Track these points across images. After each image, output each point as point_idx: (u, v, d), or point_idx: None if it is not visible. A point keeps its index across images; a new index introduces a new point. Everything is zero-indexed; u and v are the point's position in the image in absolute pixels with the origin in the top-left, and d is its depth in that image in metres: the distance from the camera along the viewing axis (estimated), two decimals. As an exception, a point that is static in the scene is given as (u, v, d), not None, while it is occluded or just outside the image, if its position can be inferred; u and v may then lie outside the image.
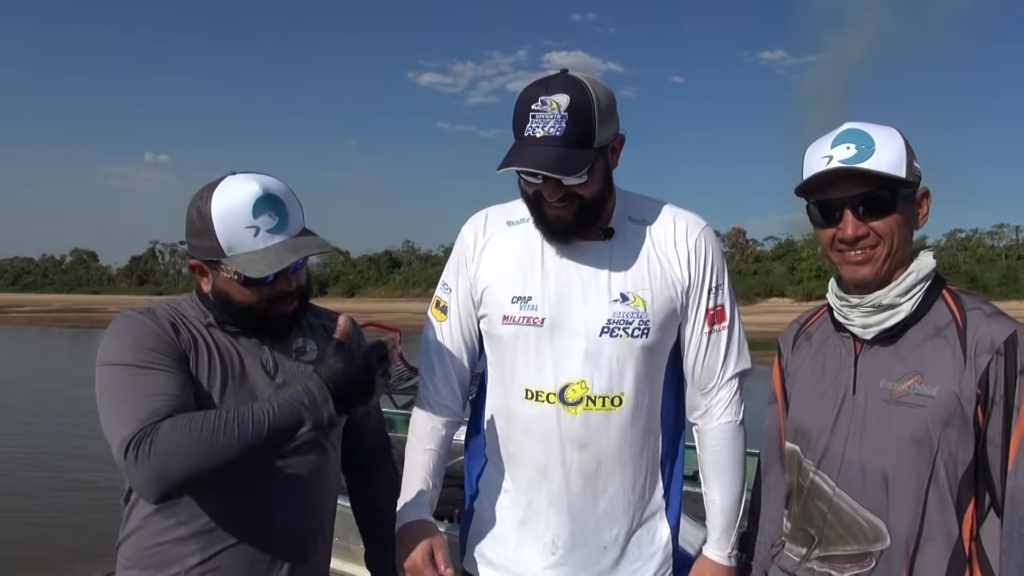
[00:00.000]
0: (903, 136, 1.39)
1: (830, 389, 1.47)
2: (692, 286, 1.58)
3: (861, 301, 1.41)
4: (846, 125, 1.41)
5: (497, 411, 1.65)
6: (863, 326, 1.42)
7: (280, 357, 1.51)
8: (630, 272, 1.55)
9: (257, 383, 1.46)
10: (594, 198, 1.51)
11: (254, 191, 1.38)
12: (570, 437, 1.53)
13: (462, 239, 1.69)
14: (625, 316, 1.53)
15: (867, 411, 1.40)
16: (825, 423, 1.45)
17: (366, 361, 1.35)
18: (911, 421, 1.34)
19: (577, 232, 1.54)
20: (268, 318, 1.46)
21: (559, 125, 1.42)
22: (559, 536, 1.57)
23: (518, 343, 1.56)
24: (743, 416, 1.63)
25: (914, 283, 1.39)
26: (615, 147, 1.54)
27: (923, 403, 1.33)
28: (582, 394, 1.53)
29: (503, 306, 1.58)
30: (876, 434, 1.38)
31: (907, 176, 1.35)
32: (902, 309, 1.38)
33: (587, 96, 1.43)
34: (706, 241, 1.60)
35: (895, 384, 1.37)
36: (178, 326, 1.42)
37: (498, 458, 1.65)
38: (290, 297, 1.45)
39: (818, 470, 1.46)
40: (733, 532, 1.61)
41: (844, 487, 1.41)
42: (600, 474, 1.55)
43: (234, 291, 1.43)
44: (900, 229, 1.38)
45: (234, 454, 1.25)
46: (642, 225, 1.60)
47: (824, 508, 1.44)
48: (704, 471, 1.64)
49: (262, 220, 1.38)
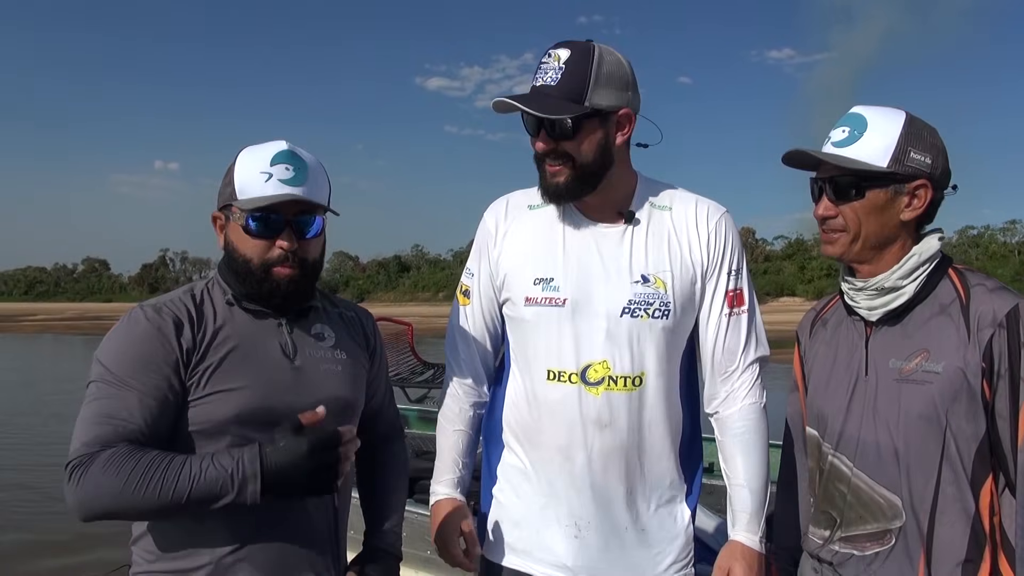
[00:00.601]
0: (909, 126, 1.39)
1: (844, 372, 1.49)
2: (711, 268, 1.59)
3: (865, 284, 1.44)
4: (854, 108, 1.44)
5: (518, 395, 1.65)
6: (868, 308, 1.45)
7: (300, 340, 1.48)
8: (651, 254, 1.57)
9: (275, 364, 1.44)
10: (587, 163, 1.53)
11: (280, 146, 1.42)
12: (592, 417, 1.54)
13: (484, 225, 1.72)
14: (646, 297, 1.54)
15: (878, 391, 1.42)
16: (840, 405, 1.47)
17: (314, 458, 1.26)
18: (919, 398, 1.36)
19: (570, 197, 1.57)
20: (266, 282, 1.41)
21: (555, 76, 1.49)
22: (581, 518, 1.57)
23: (540, 324, 1.58)
24: (765, 402, 1.62)
25: (916, 265, 1.41)
26: (621, 121, 1.55)
27: (930, 379, 1.35)
28: (604, 374, 1.53)
29: (526, 288, 1.60)
30: (887, 412, 1.40)
31: (890, 166, 1.37)
32: (905, 291, 1.41)
33: (588, 55, 1.49)
34: (726, 225, 1.62)
35: (903, 363, 1.40)
36: (186, 320, 1.39)
37: (518, 443, 1.65)
38: (290, 260, 1.41)
39: (836, 452, 1.48)
40: (763, 516, 1.58)
41: (861, 467, 1.43)
42: (622, 455, 1.55)
43: (239, 241, 1.42)
44: (869, 216, 1.40)
45: (151, 508, 1.24)
46: (663, 210, 1.61)
47: (844, 489, 1.46)
48: (728, 455, 1.61)
49: (277, 169, 1.39)
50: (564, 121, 1.49)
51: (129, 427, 1.29)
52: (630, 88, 1.55)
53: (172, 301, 1.43)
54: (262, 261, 1.41)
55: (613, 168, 1.57)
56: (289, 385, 1.43)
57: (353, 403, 1.54)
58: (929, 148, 1.39)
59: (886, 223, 1.41)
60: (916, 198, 1.40)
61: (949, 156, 1.43)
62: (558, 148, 1.52)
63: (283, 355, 1.45)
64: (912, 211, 1.41)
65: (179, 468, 1.24)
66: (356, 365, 1.56)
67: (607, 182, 1.57)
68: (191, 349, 1.37)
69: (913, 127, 1.39)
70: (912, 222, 1.42)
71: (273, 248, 1.40)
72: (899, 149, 1.37)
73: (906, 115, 1.40)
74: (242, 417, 1.36)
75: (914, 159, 1.38)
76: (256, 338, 1.44)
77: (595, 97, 1.49)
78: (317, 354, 1.49)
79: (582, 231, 1.60)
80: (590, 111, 1.49)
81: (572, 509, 1.58)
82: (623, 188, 1.61)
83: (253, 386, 1.38)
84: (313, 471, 1.26)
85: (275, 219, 1.39)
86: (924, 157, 1.38)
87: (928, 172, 1.39)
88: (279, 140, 1.44)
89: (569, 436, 1.55)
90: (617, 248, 1.58)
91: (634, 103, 1.56)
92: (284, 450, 1.26)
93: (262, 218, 1.39)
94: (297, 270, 1.42)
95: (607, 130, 1.53)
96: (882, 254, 1.43)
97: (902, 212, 1.41)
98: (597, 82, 1.48)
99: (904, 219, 1.41)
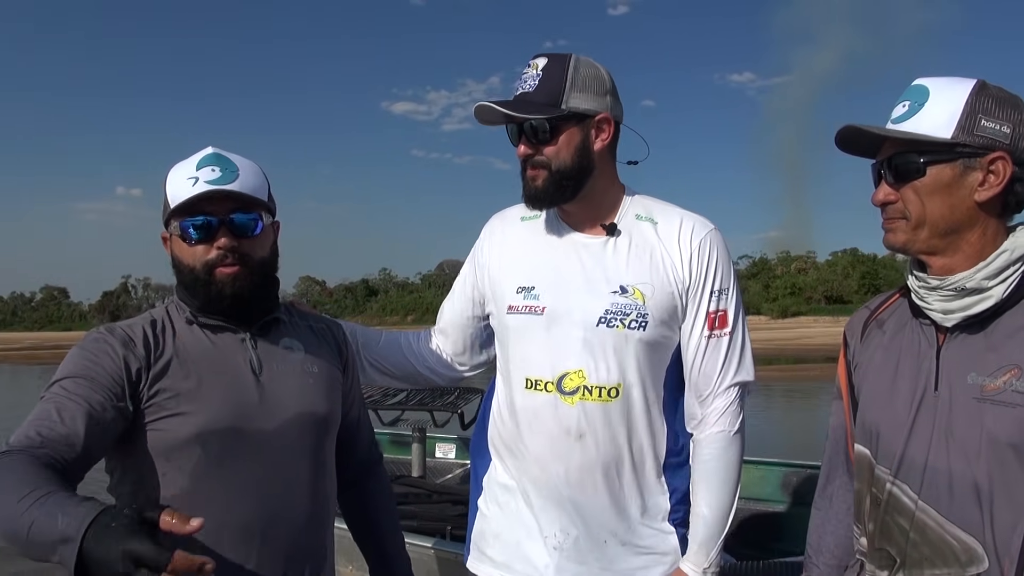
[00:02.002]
0: (980, 91, 1.19)
1: (907, 384, 1.27)
2: (693, 286, 1.58)
3: (941, 283, 1.22)
4: (917, 80, 1.25)
5: (501, 405, 1.67)
6: (944, 311, 1.23)
7: (266, 355, 1.46)
8: (632, 266, 1.58)
9: (240, 382, 1.41)
10: (564, 166, 1.55)
11: (206, 151, 1.42)
12: (567, 427, 1.54)
13: (480, 236, 1.78)
14: (623, 307, 1.54)
15: (952, 410, 1.20)
16: (901, 423, 1.26)
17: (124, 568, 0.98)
18: (1008, 423, 1.14)
19: (550, 201, 1.59)
20: (211, 285, 1.39)
21: (533, 83, 1.54)
22: (561, 530, 1.57)
23: (521, 333, 1.60)
24: (739, 428, 1.59)
25: (1006, 263, 1.19)
26: (600, 126, 1.57)
27: (1021, 402, 1.14)
28: (579, 383, 1.54)
29: (509, 297, 1.63)
30: (965, 437, 1.18)
31: (955, 136, 1.18)
32: (992, 294, 1.19)
33: (564, 61, 1.54)
34: (711, 243, 1.60)
35: (987, 379, 1.18)
36: (140, 340, 1.37)
37: (501, 454, 1.67)
38: (231, 259, 1.38)
39: (896, 479, 1.26)
40: (714, 547, 1.57)
41: (928, 500, 1.22)
42: (599, 466, 1.55)
43: (180, 252, 1.41)
44: (934, 197, 1.20)
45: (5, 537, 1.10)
46: (649, 223, 1.62)
47: (905, 524, 1.25)
48: (693, 480, 1.61)
49: (203, 172, 1.38)
50: (542, 124, 1.52)
51: (55, 432, 1.23)
52: (609, 94, 1.57)
53: (127, 323, 1.43)
54: (203, 264, 1.38)
55: (595, 175, 1.58)
56: (255, 402, 1.40)
57: (328, 417, 1.51)
58: (1007, 116, 1.18)
59: (956, 205, 1.20)
60: (992, 174, 1.18)
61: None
62: (538, 153, 1.55)
63: (249, 371, 1.42)
64: (988, 190, 1.19)
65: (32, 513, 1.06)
66: (330, 377, 1.54)
67: (590, 190, 1.58)
68: (141, 368, 1.34)
69: (986, 92, 1.19)
70: (992, 204, 1.20)
71: (211, 250, 1.38)
72: (966, 116, 1.17)
73: (977, 81, 1.21)
74: (204, 438, 1.34)
75: (986, 127, 1.17)
76: (219, 356, 1.42)
77: (572, 100, 1.53)
78: (286, 368, 1.47)
79: (565, 241, 1.63)
80: (567, 113, 1.52)
81: (552, 520, 1.57)
82: (608, 199, 1.63)
83: (215, 405, 1.36)
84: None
85: (208, 221, 1.37)
86: (1000, 125, 1.17)
87: (1007, 143, 1.17)
88: (207, 147, 1.43)
89: (547, 446, 1.56)
90: (598, 258, 1.59)
91: (615, 110, 1.59)
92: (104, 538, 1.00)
93: (195, 223, 1.37)
94: (241, 268, 1.40)
95: (585, 134, 1.56)
96: (957, 243, 1.22)
97: (976, 191, 1.19)
98: (574, 86, 1.53)
99: (979, 200, 1.19)
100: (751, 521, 3.40)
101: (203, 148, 1.43)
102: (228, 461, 1.36)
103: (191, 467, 1.33)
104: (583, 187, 1.58)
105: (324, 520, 1.50)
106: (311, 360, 1.52)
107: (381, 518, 1.69)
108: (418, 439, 4.08)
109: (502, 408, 1.66)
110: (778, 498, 3.46)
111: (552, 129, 1.53)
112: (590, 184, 1.58)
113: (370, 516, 1.69)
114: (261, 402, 1.41)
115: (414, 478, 3.99)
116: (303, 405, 1.45)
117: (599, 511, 1.56)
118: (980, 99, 1.18)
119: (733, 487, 1.60)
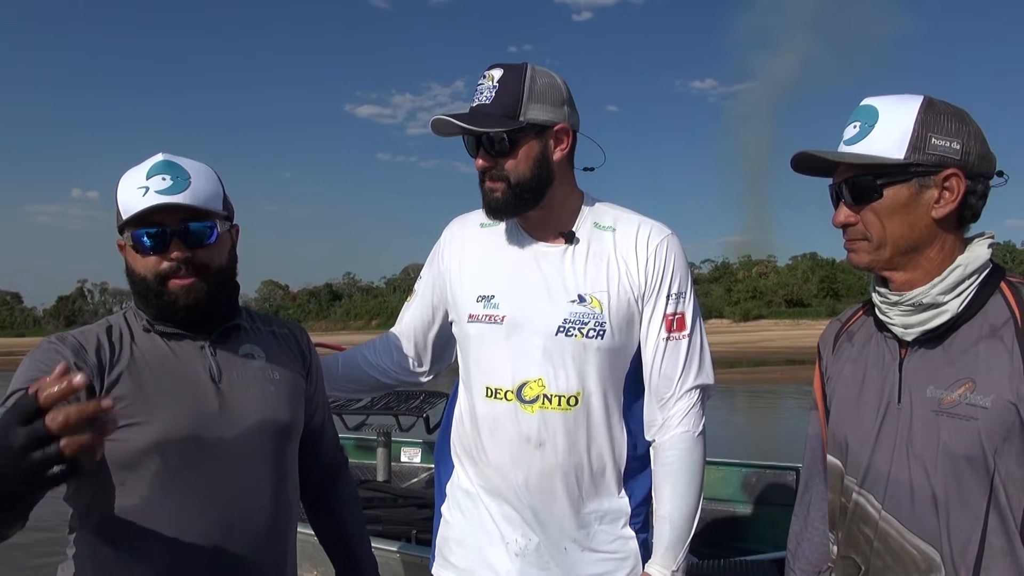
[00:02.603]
0: (928, 108, 1.21)
1: (872, 397, 1.30)
2: (649, 290, 1.59)
3: (900, 298, 1.25)
4: (865, 100, 1.27)
5: (462, 412, 1.67)
6: (904, 326, 1.26)
7: (226, 362, 1.44)
8: (589, 274, 1.58)
9: (199, 390, 1.39)
10: (524, 178, 1.55)
11: (156, 159, 1.39)
12: (527, 435, 1.55)
13: (440, 240, 1.78)
14: (581, 316, 1.55)
15: (913, 423, 1.23)
16: (867, 435, 1.28)
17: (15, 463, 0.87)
18: (963, 435, 1.16)
19: (511, 212, 1.59)
20: (164, 296, 1.37)
21: (490, 95, 1.54)
22: (523, 536, 1.58)
23: (481, 341, 1.60)
24: (702, 430, 1.60)
25: (961, 278, 1.21)
26: (558, 136, 1.58)
27: (975, 415, 1.15)
28: (539, 392, 1.55)
29: (469, 305, 1.63)
30: (924, 449, 1.20)
31: (908, 156, 1.19)
32: (948, 308, 1.21)
33: (521, 72, 1.54)
34: (668, 248, 1.61)
35: (944, 392, 1.20)
36: (92, 348, 1.35)
37: (464, 461, 1.67)
38: (183, 271, 1.36)
39: (862, 489, 1.29)
40: (681, 549, 1.57)
41: (890, 509, 1.24)
42: (560, 474, 1.55)
43: (134, 262, 1.39)
44: (893, 218, 1.22)
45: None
46: (607, 231, 1.63)
47: (870, 533, 1.27)
48: (656, 484, 1.61)
49: (153, 181, 1.35)
50: (501, 136, 1.52)
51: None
52: (566, 104, 1.58)
53: (80, 331, 1.40)
54: (155, 275, 1.37)
55: (555, 184, 1.59)
56: (215, 410, 1.38)
57: (291, 424, 1.49)
58: (955, 132, 1.20)
59: (915, 223, 1.22)
60: (947, 191, 1.20)
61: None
62: (496, 166, 1.55)
63: (208, 379, 1.40)
64: (945, 206, 1.20)
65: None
66: (293, 383, 1.53)
67: (550, 199, 1.59)
68: (93, 377, 1.32)
69: (933, 109, 1.20)
70: (949, 219, 1.22)
71: (164, 261, 1.36)
72: (917, 136, 1.19)
73: (924, 98, 1.22)
74: (163, 446, 1.32)
75: (937, 145, 1.19)
76: (177, 364, 1.40)
77: (530, 112, 1.52)
78: (246, 375, 1.45)
79: (524, 250, 1.63)
80: (525, 125, 1.53)
81: (513, 527, 1.58)
82: (567, 207, 1.64)
83: (174, 414, 1.34)
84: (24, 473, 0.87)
85: (159, 231, 1.35)
86: (950, 142, 1.19)
87: (958, 159, 1.19)
88: (157, 154, 1.41)
89: (507, 454, 1.56)
90: (557, 267, 1.60)
91: (572, 119, 1.59)
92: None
93: (148, 233, 1.35)
94: (196, 279, 1.38)
95: (544, 145, 1.56)
96: (917, 259, 1.24)
97: (933, 209, 1.21)
98: (531, 97, 1.53)
99: (937, 216, 1.21)
100: (713, 521, 3.44)
101: (154, 154, 1.40)
102: (187, 470, 1.34)
103: (150, 476, 1.31)
104: (543, 197, 1.58)
105: (286, 527, 1.49)
106: (272, 367, 1.50)
107: (348, 522, 1.68)
108: (383, 443, 4.06)
109: (464, 415, 1.67)
110: (739, 498, 3.51)
111: (511, 142, 1.53)
112: (550, 194, 1.59)
113: (336, 521, 1.69)
114: (221, 410, 1.39)
115: (379, 482, 3.97)
116: (264, 412, 1.44)
117: (560, 518, 1.57)
118: (928, 117, 1.20)
119: (698, 489, 1.59)
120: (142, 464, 1.31)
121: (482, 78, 1.57)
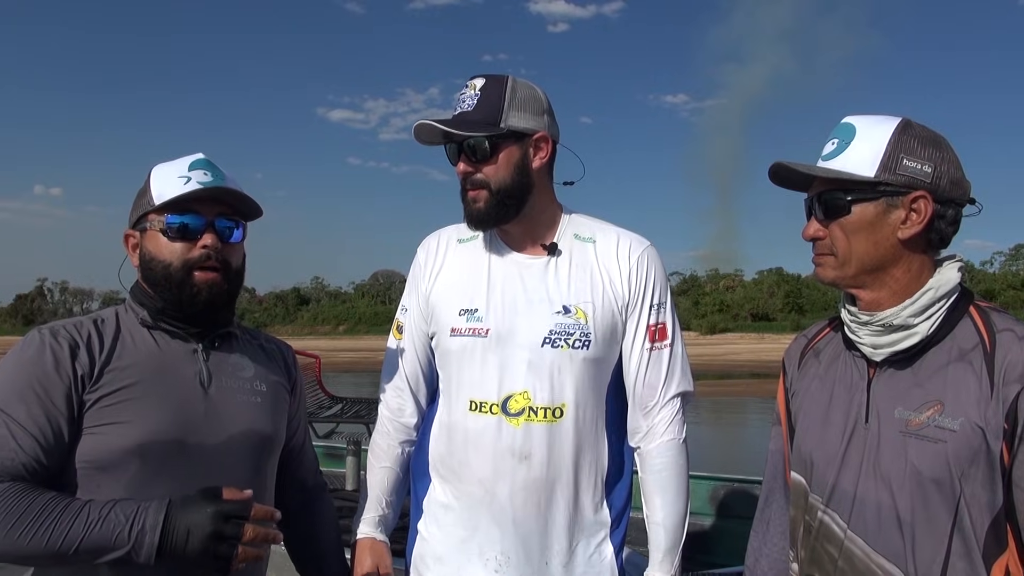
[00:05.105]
0: (903, 130, 1.23)
1: (839, 416, 1.31)
2: (632, 301, 1.63)
3: (871, 319, 1.26)
4: (845, 118, 1.30)
5: (442, 427, 1.67)
6: (873, 346, 1.27)
7: (217, 369, 1.43)
8: (573, 286, 1.61)
9: (187, 393, 1.38)
10: (505, 185, 1.58)
11: (197, 155, 1.45)
12: (512, 449, 1.56)
13: (416, 260, 1.76)
14: (567, 327, 1.57)
15: (880, 443, 1.24)
16: (833, 454, 1.29)
17: (216, 524, 1.21)
18: (929, 458, 1.18)
19: (493, 222, 1.61)
20: (186, 286, 1.37)
21: (472, 103, 1.58)
22: (502, 552, 1.58)
23: (464, 355, 1.61)
24: (686, 436, 1.65)
25: (931, 301, 1.23)
26: (538, 144, 1.61)
27: (943, 437, 1.17)
28: (524, 405, 1.56)
29: (451, 319, 1.63)
30: (891, 470, 1.22)
31: (878, 175, 1.22)
32: (918, 331, 1.23)
33: (502, 82, 1.59)
34: (648, 259, 1.65)
35: (912, 414, 1.21)
36: (84, 343, 1.33)
37: (443, 476, 1.66)
38: (212, 263, 1.38)
39: (827, 508, 1.30)
40: (677, 554, 1.61)
41: (856, 529, 1.26)
42: (543, 487, 1.57)
43: (157, 248, 1.39)
44: (859, 235, 1.24)
45: (37, 553, 1.17)
46: (587, 243, 1.66)
47: (834, 552, 1.28)
48: (646, 491, 1.64)
49: (196, 174, 1.41)
50: (481, 142, 1.55)
51: (18, 461, 1.22)
52: (546, 114, 1.62)
53: (73, 324, 1.37)
54: (183, 263, 1.37)
55: (534, 194, 1.62)
56: (200, 416, 1.37)
57: (272, 438, 1.49)
58: (928, 156, 1.22)
59: (880, 242, 1.24)
60: (914, 212, 1.22)
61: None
62: (477, 172, 1.58)
63: (197, 384, 1.40)
64: (911, 227, 1.22)
65: (75, 513, 1.18)
66: (277, 398, 1.52)
67: (529, 209, 1.62)
68: (86, 375, 1.30)
69: (909, 131, 1.23)
70: (916, 241, 1.24)
71: (195, 249, 1.38)
72: (889, 156, 1.21)
73: (901, 120, 1.25)
74: (145, 449, 1.30)
75: (908, 167, 1.21)
76: (167, 365, 1.38)
77: (511, 119, 1.57)
78: (234, 384, 1.45)
79: (507, 263, 1.64)
80: (506, 132, 1.56)
81: (493, 543, 1.58)
82: (546, 218, 1.66)
83: (158, 416, 1.32)
84: (212, 537, 1.20)
85: (195, 220, 1.38)
86: (921, 165, 1.21)
87: (928, 182, 1.21)
88: (197, 152, 1.45)
89: (490, 468, 1.57)
90: (540, 279, 1.62)
91: (552, 130, 1.63)
92: (189, 507, 1.21)
93: (184, 220, 1.37)
94: (219, 275, 1.40)
95: (524, 152, 1.60)
96: (883, 278, 1.26)
97: (899, 229, 1.23)
98: (512, 106, 1.57)
99: (903, 237, 1.23)
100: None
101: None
102: (166, 474, 1.32)
103: (127, 479, 1.29)
104: (524, 205, 1.61)
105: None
106: (260, 379, 1.49)
107: (326, 546, 1.65)
108: (353, 452, 4.04)
109: (443, 430, 1.66)
110: (706, 511, 3.54)
111: (491, 147, 1.56)
112: (530, 202, 1.61)
113: (316, 543, 1.66)
114: (206, 416, 1.38)
115: (348, 491, 3.95)
116: (248, 423, 1.43)
117: (540, 532, 1.58)
118: (903, 138, 1.22)
119: (686, 494, 1.63)
120: (121, 466, 1.29)
121: (464, 87, 1.61)
